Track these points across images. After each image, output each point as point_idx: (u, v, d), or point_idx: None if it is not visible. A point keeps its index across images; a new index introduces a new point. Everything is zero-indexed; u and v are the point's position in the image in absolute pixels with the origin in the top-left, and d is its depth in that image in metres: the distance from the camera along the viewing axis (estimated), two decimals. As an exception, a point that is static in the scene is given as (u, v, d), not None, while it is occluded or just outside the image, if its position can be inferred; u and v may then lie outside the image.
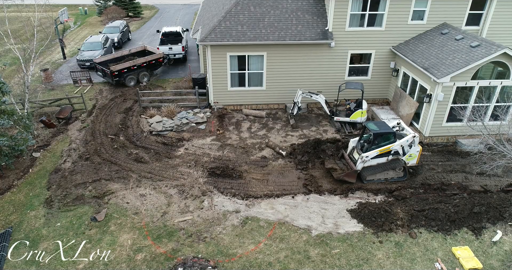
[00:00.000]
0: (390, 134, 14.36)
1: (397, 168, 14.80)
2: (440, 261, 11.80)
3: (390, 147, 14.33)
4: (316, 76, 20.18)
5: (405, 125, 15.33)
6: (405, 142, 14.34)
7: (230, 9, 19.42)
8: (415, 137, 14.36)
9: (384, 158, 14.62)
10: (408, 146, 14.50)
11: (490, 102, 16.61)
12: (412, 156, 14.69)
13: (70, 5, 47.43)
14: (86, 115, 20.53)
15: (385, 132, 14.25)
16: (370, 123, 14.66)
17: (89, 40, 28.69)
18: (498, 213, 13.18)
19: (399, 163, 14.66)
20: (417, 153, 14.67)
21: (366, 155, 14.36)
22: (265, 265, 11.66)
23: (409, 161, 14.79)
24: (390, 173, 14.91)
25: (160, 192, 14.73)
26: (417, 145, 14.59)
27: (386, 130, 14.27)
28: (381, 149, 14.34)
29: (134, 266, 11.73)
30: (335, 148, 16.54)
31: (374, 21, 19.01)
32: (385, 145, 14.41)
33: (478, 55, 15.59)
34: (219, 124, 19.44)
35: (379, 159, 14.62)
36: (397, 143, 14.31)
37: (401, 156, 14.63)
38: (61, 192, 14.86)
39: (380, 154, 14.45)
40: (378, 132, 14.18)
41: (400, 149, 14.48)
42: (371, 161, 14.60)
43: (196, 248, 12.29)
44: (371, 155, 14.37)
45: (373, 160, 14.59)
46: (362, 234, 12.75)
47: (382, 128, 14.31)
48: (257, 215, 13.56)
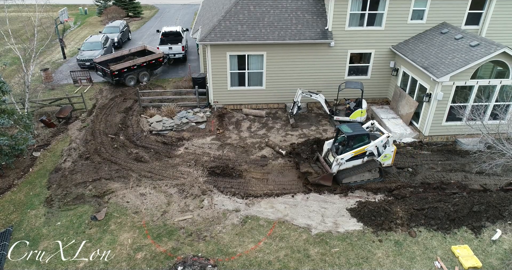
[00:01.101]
0: (364, 136, 14.23)
1: (373, 170, 14.68)
2: (439, 259, 11.82)
3: (365, 148, 14.22)
4: (316, 75, 20.20)
5: (379, 125, 15.23)
6: (380, 143, 14.28)
7: (230, 8, 19.45)
8: (389, 137, 14.27)
9: (359, 160, 14.49)
10: (382, 147, 14.43)
11: (489, 101, 16.62)
12: (387, 156, 14.63)
13: (70, 5, 47.47)
14: (86, 115, 20.56)
15: (359, 134, 14.09)
16: (343, 126, 14.50)
17: (89, 40, 28.72)
18: (497, 212, 13.20)
19: (375, 164, 14.53)
20: (392, 153, 14.62)
21: (341, 157, 14.19)
22: (265, 264, 11.68)
23: (384, 162, 14.72)
24: (366, 175, 14.75)
25: (160, 191, 14.75)
26: (392, 145, 14.55)
27: (360, 132, 14.11)
28: (355, 151, 14.19)
29: (134, 265, 11.75)
30: (310, 151, 16.31)
31: (373, 20, 19.04)
32: (359, 146, 14.26)
33: (478, 54, 15.62)
34: (219, 123, 19.47)
35: (354, 161, 14.49)
36: (371, 144, 14.21)
37: (376, 157, 14.55)
38: (61, 191, 14.89)
39: (355, 156, 14.31)
40: (352, 134, 14.01)
41: (374, 150, 14.38)
42: (346, 164, 14.45)
43: (196, 247, 12.31)
44: (346, 157, 14.22)
45: (348, 163, 14.45)
46: (361, 233, 12.77)
47: (356, 130, 14.15)
48: (257, 214, 13.58)
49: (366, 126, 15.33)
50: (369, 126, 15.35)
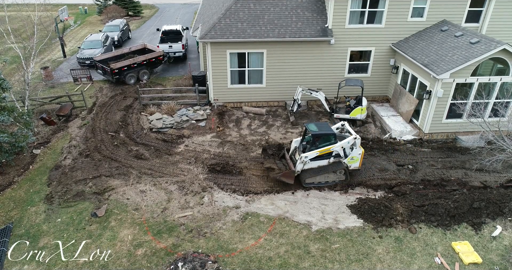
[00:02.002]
0: (330, 136, 14.01)
1: (338, 171, 14.42)
2: (440, 256, 11.82)
3: (330, 149, 13.99)
4: (316, 73, 20.20)
5: (349, 127, 14.97)
6: (346, 144, 14.05)
7: (230, 6, 19.45)
8: (356, 139, 14.03)
9: (325, 161, 14.26)
10: (350, 149, 14.24)
11: (489, 98, 16.62)
12: (354, 159, 14.38)
13: (70, 4, 47.49)
14: (86, 113, 20.56)
15: (324, 133, 13.88)
16: (310, 124, 14.28)
17: (89, 39, 28.71)
18: (497, 209, 13.20)
19: (341, 166, 14.29)
20: (359, 156, 14.34)
21: (305, 155, 13.97)
22: (265, 260, 11.68)
23: (351, 164, 14.48)
24: (331, 176, 14.48)
25: (160, 188, 14.75)
26: (359, 147, 14.28)
27: (325, 131, 13.92)
28: (320, 150, 13.96)
29: (134, 261, 11.75)
30: (277, 148, 15.94)
31: (374, 18, 19.03)
32: (325, 146, 14.03)
33: (478, 51, 15.61)
34: (219, 121, 19.47)
35: (320, 162, 14.25)
36: (337, 144, 13.98)
37: (342, 158, 14.33)
38: (61, 188, 14.89)
39: (320, 156, 14.09)
40: (317, 133, 13.82)
41: (341, 151, 14.16)
42: (312, 164, 14.24)
43: (196, 243, 12.31)
44: (310, 156, 13.99)
45: (314, 163, 14.23)
46: (362, 229, 12.77)
47: (322, 129, 13.96)
48: (257, 211, 13.58)
49: (336, 127, 15.12)
50: (339, 127, 15.11)
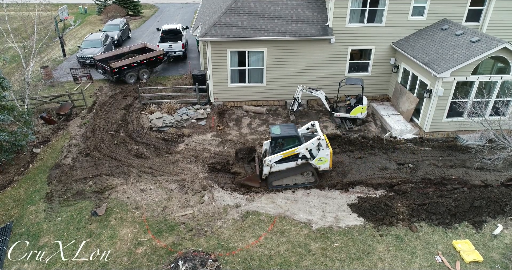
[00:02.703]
0: (293, 138, 13.68)
1: (305, 173, 14.16)
2: (440, 254, 11.80)
3: (295, 151, 13.70)
4: (316, 72, 20.18)
5: (318, 127, 14.55)
6: (311, 145, 13.68)
7: (230, 5, 19.43)
8: (320, 139, 13.66)
9: (293, 163, 14.00)
10: (316, 150, 13.98)
11: (490, 97, 16.60)
12: (323, 160, 13.95)
13: (70, 4, 47.44)
14: (86, 112, 20.53)
15: (285, 136, 13.59)
16: (274, 126, 14.08)
17: (89, 38, 28.69)
18: (498, 207, 13.18)
19: (309, 167, 14.01)
20: (327, 157, 13.92)
21: (269, 159, 13.78)
22: (266, 259, 11.66)
23: (320, 165, 14.09)
24: (299, 178, 14.27)
25: (160, 187, 14.73)
26: (326, 148, 13.88)
27: (287, 133, 13.58)
28: (284, 153, 13.71)
29: (134, 259, 11.72)
30: (247, 151, 15.51)
31: (374, 17, 19.01)
32: (289, 148, 13.77)
33: (478, 50, 15.59)
34: (219, 120, 19.44)
35: (288, 164, 13.99)
36: (301, 146, 13.64)
37: (310, 160, 14.03)
38: (61, 187, 14.86)
39: (286, 158, 13.85)
40: (277, 135, 13.57)
41: (306, 153, 13.80)
42: (279, 166, 14.02)
43: (196, 242, 12.29)
44: (275, 159, 13.78)
45: (282, 165, 14.00)
46: (362, 228, 12.75)
47: (284, 132, 13.64)
48: (257, 210, 13.55)
49: (306, 127, 14.84)
50: (309, 127, 14.84)
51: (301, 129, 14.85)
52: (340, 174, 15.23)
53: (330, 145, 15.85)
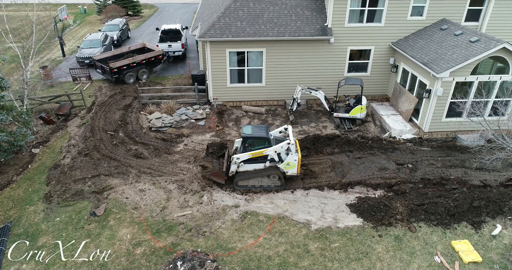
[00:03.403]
0: (263, 139, 13.76)
1: (272, 176, 14.11)
2: (439, 254, 11.79)
3: (263, 152, 13.74)
4: (316, 72, 20.17)
5: (291, 132, 14.47)
6: (280, 149, 13.66)
7: (229, 5, 19.42)
8: (290, 144, 13.59)
9: (261, 164, 14.06)
10: (285, 154, 13.97)
11: (489, 97, 16.59)
12: (291, 165, 13.91)
13: (69, 4, 47.42)
14: (86, 112, 20.52)
15: (255, 137, 13.69)
16: (246, 126, 14.15)
17: (88, 38, 28.68)
18: (497, 207, 13.17)
19: (276, 171, 14.00)
20: (295, 162, 13.84)
21: (237, 157, 13.86)
22: (265, 259, 11.65)
23: (288, 170, 14.06)
24: (265, 180, 14.26)
25: (159, 187, 14.72)
26: (295, 153, 13.81)
27: (257, 134, 13.68)
28: (253, 153, 13.79)
29: (133, 260, 11.71)
30: (219, 146, 15.67)
31: (373, 17, 19.00)
32: (258, 149, 13.86)
33: (478, 50, 15.58)
34: (219, 120, 19.43)
35: (256, 165, 14.07)
36: (270, 148, 13.68)
37: (278, 163, 14.01)
38: (60, 187, 14.85)
39: (255, 159, 13.93)
40: (247, 135, 13.69)
41: (275, 156, 13.84)
42: (247, 166, 14.11)
43: (195, 242, 12.28)
44: (242, 158, 13.88)
45: (250, 165, 14.09)
46: (361, 228, 12.74)
47: (255, 132, 13.74)
48: (256, 210, 13.54)
49: (279, 130, 14.86)
50: (283, 131, 14.85)
51: (273, 132, 14.88)
52: (339, 174, 15.23)
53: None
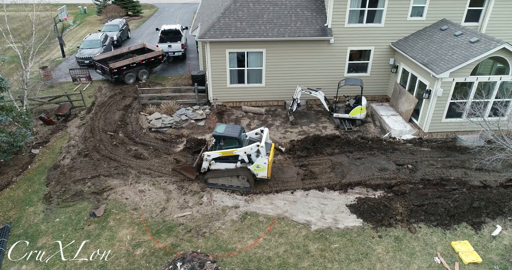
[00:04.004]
0: (234, 139, 13.88)
1: (241, 177, 14.17)
2: (439, 255, 11.78)
3: (233, 152, 13.89)
4: (316, 72, 20.16)
5: (265, 134, 14.43)
6: (250, 150, 13.74)
7: (229, 5, 19.41)
8: (259, 146, 13.62)
9: (232, 164, 14.23)
10: (255, 156, 14.04)
11: (489, 97, 16.58)
12: (260, 167, 13.97)
13: (69, 4, 47.43)
14: (85, 112, 20.51)
15: (226, 136, 13.85)
16: (220, 125, 14.27)
17: (88, 38, 28.68)
18: (497, 208, 13.16)
19: (245, 172, 14.10)
20: (265, 165, 13.91)
21: (208, 154, 14.06)
22: (264, 260, 11.64)
23: (258, 172, 14.14)
24: (235, 181, 14.34)
25: (159, 188, 14.71)
26: (266, 156, 13.82)
27: (229, 134, 13.83)
28: (222, 152, 13.98)
29: (133, 261, 11.70)
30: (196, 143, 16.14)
31: (373, 17, 18.99)
32: (228, 148, 14.06)
33: (478, 50, 15.57)
34: (218, 120, 19.42)
35: (227, 165, 14.26)
36: (240, 149, 13.82)
37: (248, 165, 14.10)
38: (60, 188, 14.84)
39: (226, 158, 14.13)
40: (218, 134, 13.89)
41: (244, 157, 13.94)
42: (219, 165, 14.31)
43: (195, 243, 12.27)
44: (213, 155, 14.09)
45: (221, 164, 14.28)
46: (361, 229, 12.73)
47: (227, 132, 13.90)
48: (256, 211, 13.53)
49: (256, 132, 14.90)
50: (258, 133, 14.90)
51: (250, 133, 14.95)
52: (339, 175, 15.23)
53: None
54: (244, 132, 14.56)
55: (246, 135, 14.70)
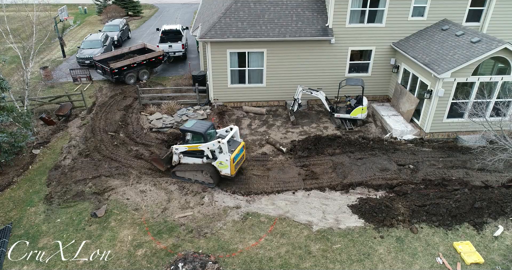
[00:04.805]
0: (198, 135, 14.18)
1: (204, 172, 14.38)
2: (441, 256, 11.76)
3: (198, 147, 14.26)
4: (317, 72, 20.14)
5: (232, 133, 14.64)
6: (212, 146, 14.01)
7: (230, 5, 19.39)
8: (220, 143, 13.81)
9: (200, 160, 14.61)
10: (219, 152, 14.23)
11: (491, 98, 16.55)
12: (223, 164, 14.12)
13: (69, 4, 47.41)
14: (86, 112, 20.48)
15: (191, 131, 14.22)
16: (190, 121, 14.73)
17: (88, 38, 28.64)
18: (499, 208, 13.14)
19: (209, 168, 14.36)
20: (227, 162, 14.04)
21: (176, 147, 14.71)
22: (266, 260, 11.62)
23: (221, 169, 14.32)
24: (199, 175, 14.60)
25: (160, 188, 14.68)
26: (228, 153, 13.96)
27: (194, 129, 14.19)
28: (189, 146, 14.46)
29: (134, 261, 11.68)
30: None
31: (374, 17, 18.97)
32: (194, 143, 14.46)
33: (479, 50, 15.55)
34: (219, 121, 19.40)
35: (195, 159, 14.67)
36: (204, 144, 14.11)
37: (212, 161, 14.36)
38: (61, 188, 14.82)
39: (193, 152, 14.55)
40: (185, 129, 14.33)
41: (209, 153, 14.26)
42: (188, 159, 14.81)
43: (196, 243, 12.25)
44: (180, 149, 14.64)
45: (190, 159, 14.75)
46: (363, 229, 12.71)
47: (193, 127, 14.28)
48: (257, 211, 13.51)
49: (226, 129, 15.04)
50: (228, 130, 15.04)
51: (220, 130, 15.18)
52: (340, 175, 15.21)
53: (331, 146, 15.71)
54: (214, 129, 14.85)
55: (217, 132, 14.99)
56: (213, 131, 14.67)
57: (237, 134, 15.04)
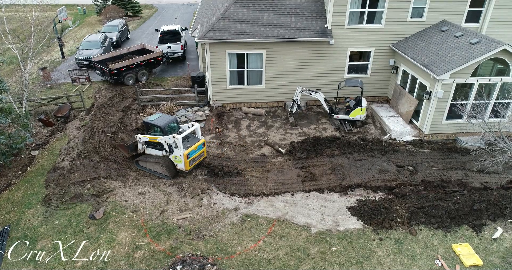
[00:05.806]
0: (157, 128, 14.67)
1: (161, 165, 14.92)
2: (440, 258, 11.74)
3: (157, 139, 14.85)
4: (316, 73, 20.11)
5: (194, 129, 15.30)
6: (168, 140, 14.55)
7: (229, 6, 19.36)
8: (174, 137, 14.28)
9: (160, 152, 15.21)
10: (174, 147, 14.62)
11: (490, 99, 16.54)
12: (178, 159, 14.68)
13: (68, 4, 47.37)
14: (85, 114, 20.45)
15: (151, 124, 14.77)
16: (155, 114, 15.30)
17: (87, 39, 28.61)
18: (498, 210, 13.12)
19: (165, 160, 14.90)
20: (181, 157, 14.52)
21: (139, 136, 15.46)
22: (265, 262, 11.59)
23: (177, 164, 14.86)
24: (157, 167, 15.20)
25: (159, 190, 14.65)
26: (182, 149, 14.39)
27: (154, 122, 14.72)
28: (150, 137, 15.07)
29: (132, 264, 11.65)
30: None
31: (373, 18, 18.95)
32: (154, 135, 15.05)
33: (478, 51, 15.53)
34: (218, 122, 19.37)
35: (157, 151, 15.33)
36: (161, 137, 14.67)
37: (169, 154, 14.88)
38: (59, 190, 14.78)
39: (155, 145, 15.19)
40: (147, 121, 14.90)
41: (166, 146, 14.82)
42: (151, 150, 15.50)
43: (195, 245, 12.22)
44: (143, 139, 15.37)
45: (153, 150, 15.43)
46: (362, 231, 12.68)
47: (155, 121, 14.78)
48: (256, 213, 13.48)
49: (188, 125, 15.41)
50: (190, 126, 15.43)
51: (183, 125, 15.64)
52: (339, 176, 15.19)
53: (330, 147, 15.70)
54: (177, 124, 15.27)
55: (180, 127, 15.41)
56: (175, 126, 15.13)
57: (198, 131, 15.58)
